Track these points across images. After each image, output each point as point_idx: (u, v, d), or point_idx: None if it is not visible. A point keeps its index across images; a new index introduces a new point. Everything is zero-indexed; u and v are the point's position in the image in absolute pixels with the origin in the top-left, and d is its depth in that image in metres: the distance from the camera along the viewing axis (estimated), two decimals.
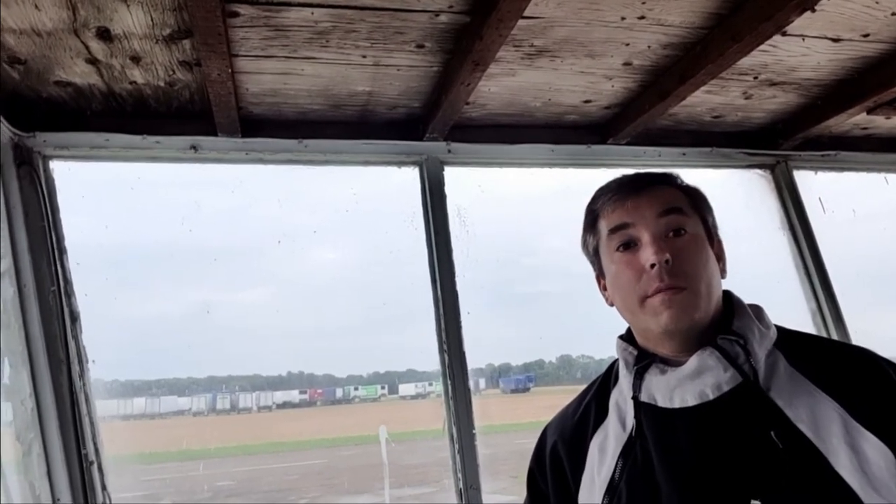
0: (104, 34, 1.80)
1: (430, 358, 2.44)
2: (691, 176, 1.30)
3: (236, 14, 1.76)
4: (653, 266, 1.14)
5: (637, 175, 1.27)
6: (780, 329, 1.21)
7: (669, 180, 1.27)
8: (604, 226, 1.24)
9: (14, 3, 1.63)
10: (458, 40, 1.97)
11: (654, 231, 1.17)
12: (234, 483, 14.25)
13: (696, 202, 1.25)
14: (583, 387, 1.39)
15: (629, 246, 1.20)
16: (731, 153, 2.86)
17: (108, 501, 2.05)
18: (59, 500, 1.96)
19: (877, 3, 1.96)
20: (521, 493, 1.39)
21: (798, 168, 2.94)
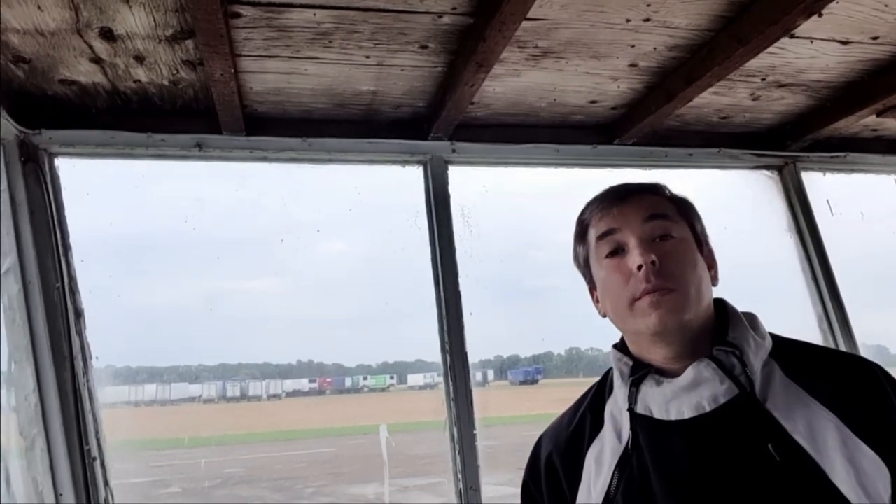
0: (107, 34, 1.80)
1: (435, 351, 2.45)
2: (698, 176, 1.30)
3: (238, 15, 1.76)
4: (640, 268, 1.14)
5: (624, 184, 1.29)
6: (774, 337, 1.20)
7: (655, 189, 1.27)
8: (592, 234, 1.26)
9: (17, 4, 1.63)
10: (462, 41, 1.96)
11: (641, 235, 1.18)
12: (243, 470, 14.38)
13: (684, 210, 1.26)
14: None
15: (617, 252, 1.21)
16: (739, 154, 2.82)
17: (110, 497, 2.07)
18: (61, 495, 1.98)
19: (886, 6, 1.93)
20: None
21: (806, 169, 2.91)
